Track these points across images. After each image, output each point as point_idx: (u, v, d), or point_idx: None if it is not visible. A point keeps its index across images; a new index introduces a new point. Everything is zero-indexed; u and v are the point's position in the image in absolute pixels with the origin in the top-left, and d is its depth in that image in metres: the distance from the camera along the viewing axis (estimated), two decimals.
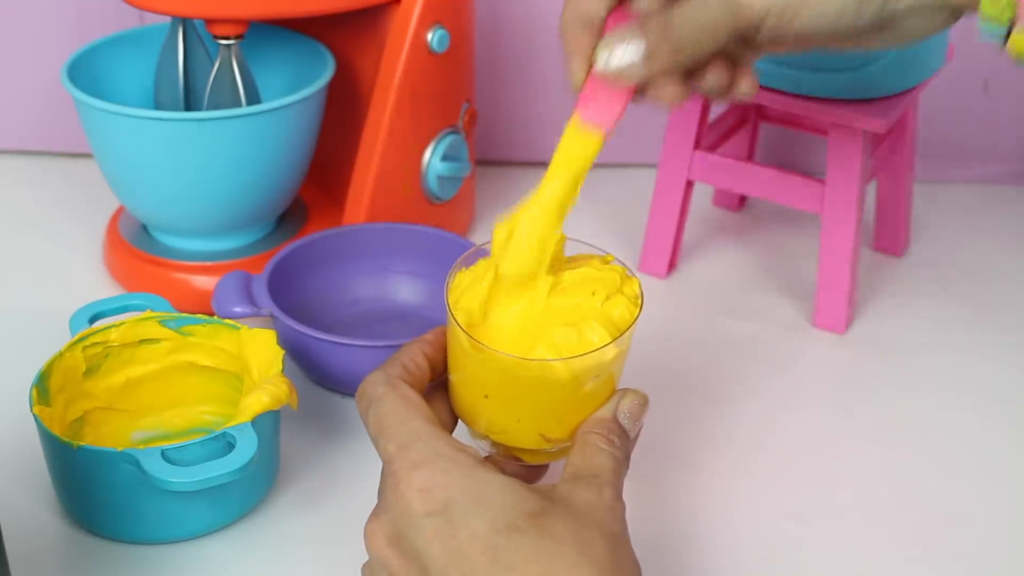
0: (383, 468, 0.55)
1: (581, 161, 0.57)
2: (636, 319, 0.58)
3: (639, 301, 0.59)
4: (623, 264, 0.60)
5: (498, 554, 0.50)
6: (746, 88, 0.60)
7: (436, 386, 0.61)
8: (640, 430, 0.59)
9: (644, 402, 0.59)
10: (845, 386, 0.79)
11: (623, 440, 0.57)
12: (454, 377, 0.60)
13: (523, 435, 0.59)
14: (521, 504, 0.52)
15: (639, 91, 0.58)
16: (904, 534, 0.67)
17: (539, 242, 0.57)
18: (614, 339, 0.56)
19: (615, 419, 0.58)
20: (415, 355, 0.60)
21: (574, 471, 0.56)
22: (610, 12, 0.58)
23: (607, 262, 0.60)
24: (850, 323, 0.83)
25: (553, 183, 0.57)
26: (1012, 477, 0.71)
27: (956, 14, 0.56)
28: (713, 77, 0.58)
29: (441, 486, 0.52)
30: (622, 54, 0.56)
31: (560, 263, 0.60)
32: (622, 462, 0.57)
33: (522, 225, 0.58)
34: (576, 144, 0.57)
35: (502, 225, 0.59)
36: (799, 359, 0.81)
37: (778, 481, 0.70)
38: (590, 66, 0.57)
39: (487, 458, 0.60)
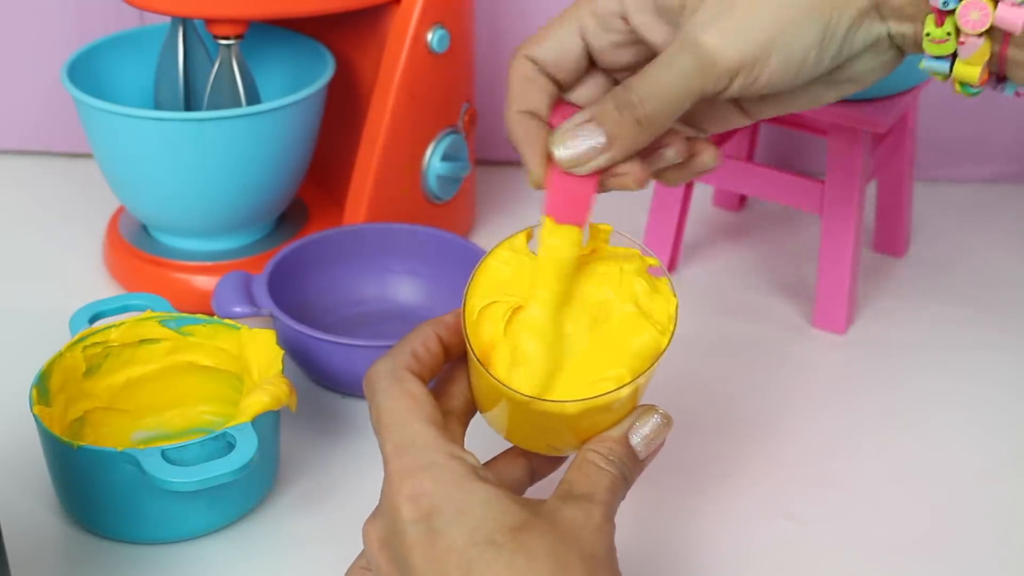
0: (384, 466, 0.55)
1: (565, 256, 0.55)
2: (664, 351, 0.55)
3: (671, 327, 0.55)
4: (665, 273, 0.57)
5: (471, 567, 0.49)
6: (708, 158, 0.57)
7: (456, 364, 0.58)
8: (659, 448, 0.56)
9: (666, 423, 0.56)
10: (845, 386, 0.79)
11: (627, 461, 0.55)
12: (471, 370, 0.57)
13: (533, 443, 0.58)
14: (503, 517, 0.50)
15: (601, 183, 0.55)
16: (904, 534, 0.67)
17: (547, 352, 0.55)
18: (633, 379, 0.54)
19: (623, 439, 0.55)
20: (428, 340, 0.57)
21: (568, 487, 0.54)
22: (552, 107, 0.57)
23: (645, 267, 0.57)
24: (850, 323, 0.83)
25: (546, 289, 0.55)
26: (1012, 477, 0.71)
27: (900, 55, 0.56)
28: (673, 152, 0.56)
29: (428, 495, 0.51)
30: (580, 141, 0.54)
31: (599, 256, 0.57)
32: (620, 483, 0.54)
33: (527, 339, 0.55)
34: (556, 243, 0.55)
35: (499, 359, 0.55)
36: (799, 359, 0.81)
37: (778, 481, 0.70)
38: (548, 160, 0.55)
39: (488, 464, 0.59)
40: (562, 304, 0.55)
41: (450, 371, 0.58)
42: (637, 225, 0.88)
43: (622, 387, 0.54)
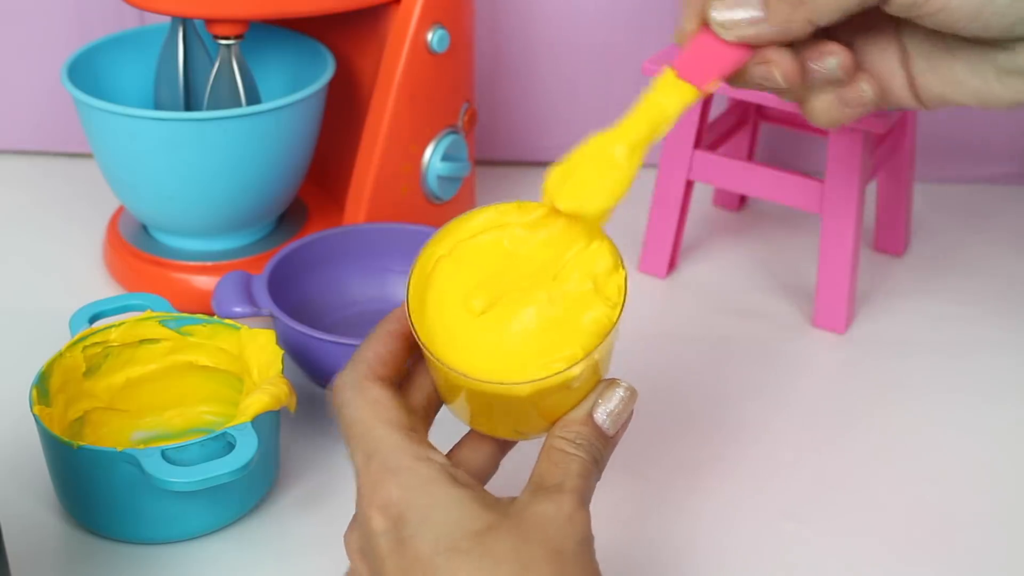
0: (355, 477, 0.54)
1: (666, 112, 0.53)
2: (615, 324, 0.52)
3: (621, 299, 0.53)
4: (613, 246, 0.55)
5: (437, 575, 0.49)
6: (867, 87, 0.56)
7: (416, 360, 0.57)
8: (628, 421, 0.55)
9: (630, 396, 0.54)
10: (844, 386, 0.79)
11: (595, 442, 0.54)
12: (427, 361, 0.56)
13: (498, 429, 0.57)
14: (467, 522, 0.50)
15: (747, 72, 0.54)
16: (903, 534, 0.67)
17: (606, 176, 0.53)
18: (585, 355, 0.52)
19: (588, 420, 0.54)
20: (385, 342, 0.55)
21: (539, 480, 0.53)
22: None
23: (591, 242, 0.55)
24: (850, 323, 0.83)
25: (632, 126, 0.53)
26: (1012, 477, 0.71)
27: None
28: (835, 61, 0.55)
29: (395, 503, 0.51)
30: (737, 7, 0.53)
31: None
32: (591, 466, 0.53)
33: (587, 158, 0.53)
34: (665, 94, 0.53)
35: (558, 167, 0.53)
36: (799, 359, 0.81)
37: (777, 481, 0.70)
38: (702, 23, 0.53)
39: (454, 450, 0.57)
40: (637, 149, 0.53)
41: (412, 369, 0.57)
42: (637, 225, 0.88)
43: (574, 365, 0.52)
